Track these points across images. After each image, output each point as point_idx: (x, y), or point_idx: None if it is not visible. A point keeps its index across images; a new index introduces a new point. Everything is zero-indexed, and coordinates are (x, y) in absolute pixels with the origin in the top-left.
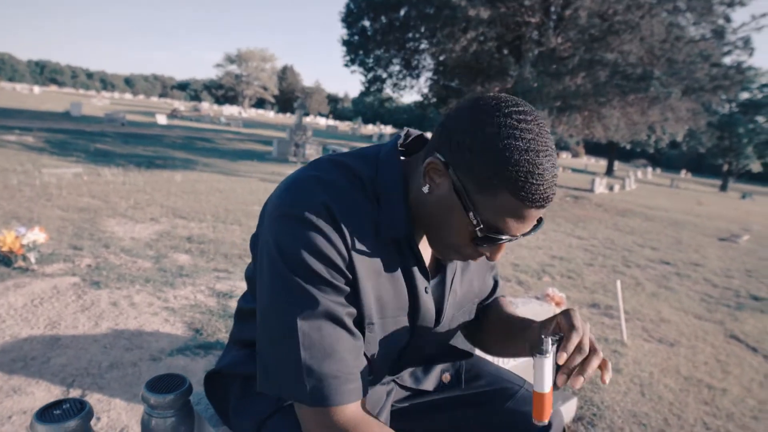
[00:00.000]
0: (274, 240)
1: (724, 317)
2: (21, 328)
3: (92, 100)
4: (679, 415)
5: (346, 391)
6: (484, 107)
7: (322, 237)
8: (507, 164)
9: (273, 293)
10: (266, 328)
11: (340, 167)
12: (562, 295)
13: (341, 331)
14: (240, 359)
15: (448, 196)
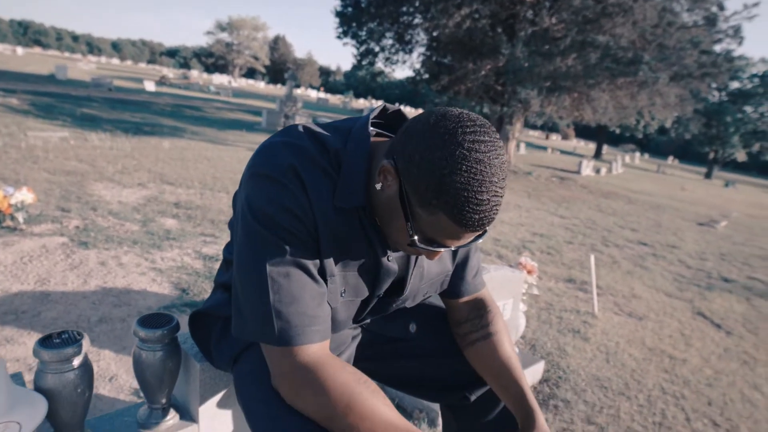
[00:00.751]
0: (246, 197)
1: (694, 296)
2: (11, 284)
3: (78, 64)
4: (639, 380)
5: (310, 332)
6: (442, 129)
7: (289, 194)
8: (447, 193)
9: (245, 245)
10: (240, 277)
11: (310, 136)
12: (534, 263)
13: (306, 278)
14: (222, 302)
15: (394, 199)
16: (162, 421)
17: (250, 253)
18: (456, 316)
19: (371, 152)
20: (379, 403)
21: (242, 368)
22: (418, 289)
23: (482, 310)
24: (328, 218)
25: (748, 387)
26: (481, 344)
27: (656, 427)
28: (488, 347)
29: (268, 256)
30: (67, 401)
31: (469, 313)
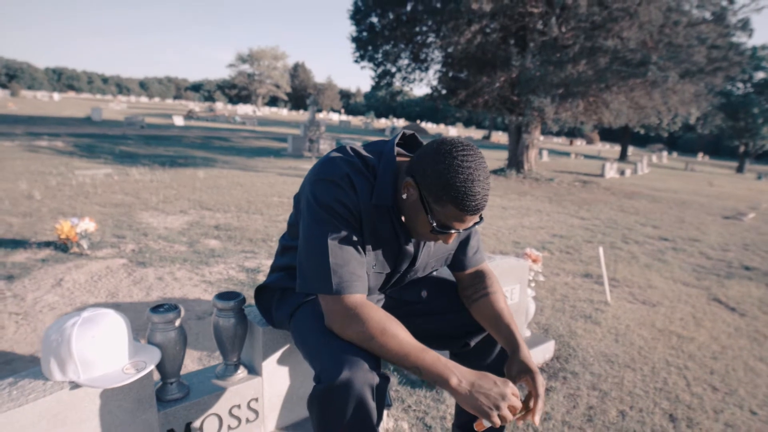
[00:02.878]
0: (312, 194)
1: (712, 284)
2: (87, 298)
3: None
4: (646, 356)
5: (355, 285)
6: (442, 150)
7: (344, 193)
8: (452, 189)
9: (312, 226)
10: (306, 248)
11: (356, 154)
12: (539, 254)
13: (353, 250)
14: (279, 278)
15: (416, 203)
16: (234, 375)
17: (316, 231)
18: (463, 284)
19: (397, 168)
20: (402, 330)
21: (298, 319)
22: (427, 263)
23: (482, 278)
24: (368, 212)
25: (753, 359)
26: (481, 301)
27: (657, 392)
28: (486, 302)
29: (329, 233)
30: (170, 353)
31: (472, 281)
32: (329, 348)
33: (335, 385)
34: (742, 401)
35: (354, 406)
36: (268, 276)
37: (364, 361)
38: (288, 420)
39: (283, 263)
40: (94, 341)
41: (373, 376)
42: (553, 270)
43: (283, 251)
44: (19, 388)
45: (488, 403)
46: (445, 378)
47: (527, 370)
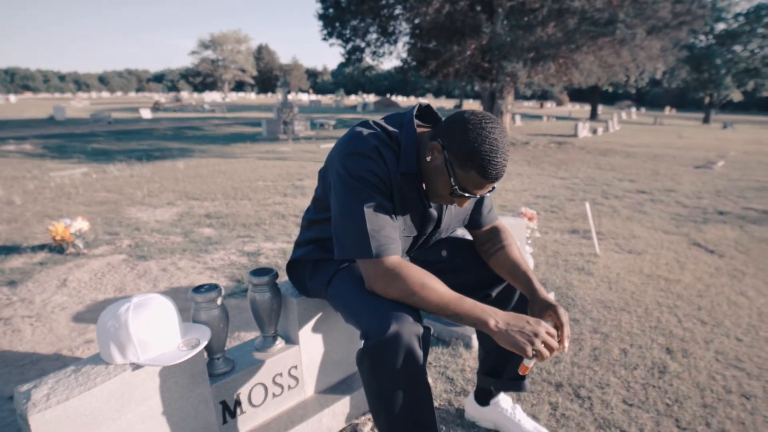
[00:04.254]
0: (344, 167)
1: (690, 230)
2: (96, 294)
3: (72, 103)
4: (638, 299)
5: (392, 247)
6: (472, 121)
7: (375, 164)
8: (477, 157)
9: (346, 196)
10: (342, 217)
11: (379, 127)
12: (533, 211)
13: (387, 216)
14: (309, 251)
15: (440, 166)
16: (273, 345)
17: (351, 201)
18: (480, 240)
19: (417, 138)
20: (439, 283)
21: (337, 285)
22: (449, 224)
23: (497, 233)
24: (397, 180)
25: (734, 294)
26: (498, 253)
27: (652, 330)
28: (503, 254)
29: (364, 201)
30: (215, 330)
31: (489, 236)
32: (373, 306)
33: (385, 339)
34: (728, 331)
35: (404, 355)
36: (294, 251)
37: (408, 314)
38: (325, 384)
39: (311, 236)
40: (149, 323)
41: (417, 326)
42: (542, 229)
43: (310, 225)
44: (84, 374)
45: (523, 339)
46: (483, 320)
47: (548, 306)
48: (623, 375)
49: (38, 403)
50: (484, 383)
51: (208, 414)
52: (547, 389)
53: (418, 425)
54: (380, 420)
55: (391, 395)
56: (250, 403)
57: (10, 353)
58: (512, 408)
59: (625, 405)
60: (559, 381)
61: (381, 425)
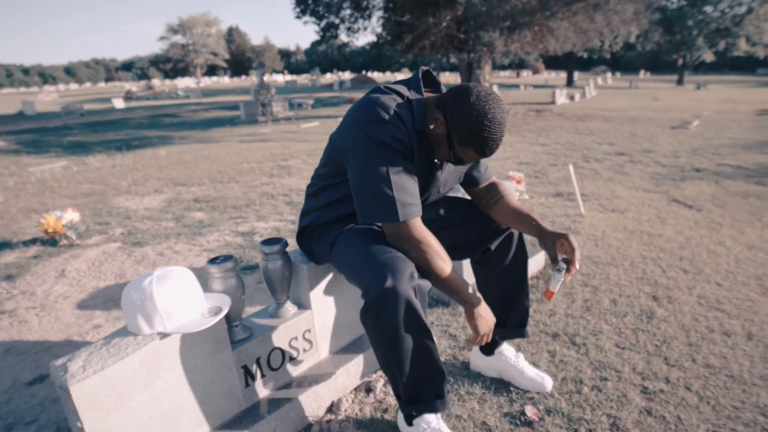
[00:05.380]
0: (365, 134)
1: (669, 188)
2: (97, 282)
3: (39, 96)
4: (624, 253)
5: (416, 210)
6: (477, 103)
7: (396, 129)
8: (477, 139)
9: (370, 163)
10: (366, 183)
11: (393, 91)
12: (521, 174)
13: (411, 179)
14: (317, 216)
15: (441, 137)
16: (287, 311)
17: (375, 167)
18: (479, 196)
19: (424, 100)
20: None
21: (338, 247)
22: (447, 179)
23: (495, 186)
24: (415, 142)
25: (713, 244)
26: (499, 203)
27: (639, 281)
28: (503, 202)
29: (389, 166)
30: (233, 299)
31: (487, 191)
32: (370, 264)
33: (384, 291)
34: (709, 277)
35: (404, 306)
36: (301, 220)
37: (403, 267)
38: (338, 345)
39: (319, 203)
40: (173, 293)
41: (412, 279)
42: (528, 193)
43: (318, 192)
44: (114, 346)
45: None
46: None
47: (559, 236)
48: (614, 322)
49: (76, 374)
50: None
51: (232, 378)
52: (545, 339)
53: (428, 369)
54: (391, 371)
55: (397, 345)
56: (270, 366)
57: (21, 343)
58: (515, 356)
59: (618, 348)
60: (555, 331)
61: (392, 376)
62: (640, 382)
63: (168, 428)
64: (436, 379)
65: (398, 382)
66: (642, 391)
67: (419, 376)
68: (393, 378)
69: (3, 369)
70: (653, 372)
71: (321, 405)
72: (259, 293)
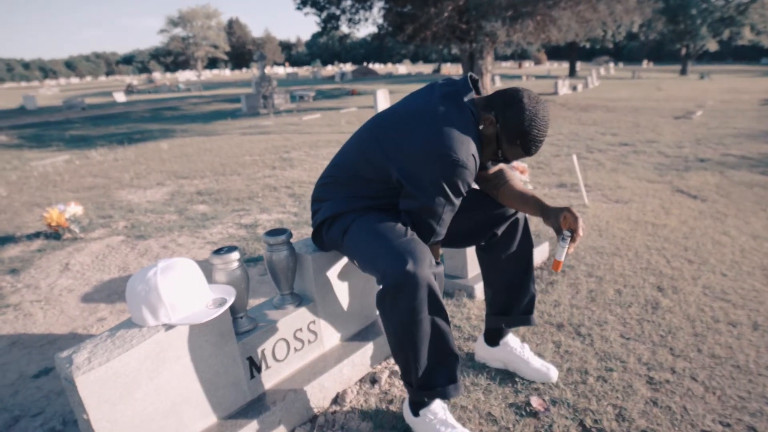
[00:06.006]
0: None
1: (673, 178)
2: (101, 275)
3: (41, 91)
4: (628, 244)
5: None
6: (526, 105)
7: (470, 174)
8: (526, 138)
9: (433, 199)
10: (422, 215)
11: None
12: (525, 165)
13: (454, 212)
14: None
15: (491, 136)
16: (291, 302)
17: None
18: (487, 179)
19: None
20: None
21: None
22: None
23: (501, 171)
24: None
25: (718, 234)
26: (505, 186)
27: (643, 271)
28: (508, 185)
29: (446, 206)
30: (237, 290)
31: (494, 175)
32: (388, 249)
33: (404, 275)
34: (714, 267)
35: (425, 289)
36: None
37: (423, 252)
38: (343, 336)
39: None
40: (178, 285)
41: (432, 263)
42: (531, 183)
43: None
44: (119, 338)
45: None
46: None
47: (562, 209)
48: (619, 313)
49: (81, 366)
50: (495, 323)
51: (237, 370)
52: (550, 330)
53: (444, 353)
54: (404, 356)
55: (415, 329)
56: (275, 358)
57: (26, 336)
58: (521, 347)
59: (623, 339)
60: (560, 322)
61: (405, 362)
62: (645, 372)
63: (173, 420)
64: (450, 363)
65: (411, 368)
66: (647, 382)
67: (434, 360)
68: (406, 363)
69: (9, 362)
70: (659, 362)
71: (326, 396)
72: (262, 285)
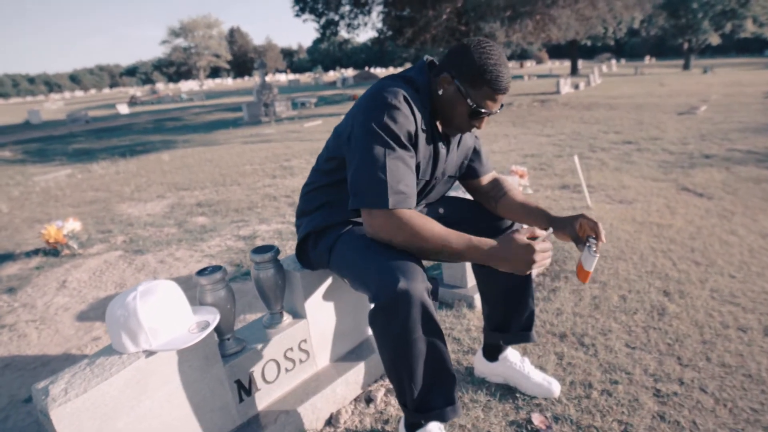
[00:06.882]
0: (370, 119)
1: (678, 176)
2: (97, 292)
3: (45, 105)
4: (633, 246)
5: (410, 202)
6: (472, 45)
7: (402, 115)
8: (486, 72)
9: (370, 146)
10: (362, 167)
11: (401, 78)
12: (524, 168)
13: (408, 169)
14: (313, 222)
15: (454, 93)
16: (281, 321)
17: (374, 151)
18: (483, 190)
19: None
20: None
21: (339, 250)
22: (450, 169)
23: (498, 181)
24: (421, 128)
25: (725, 233)
26: (505, 197)
27: (649, 275)
28: (509, 197)
29: (387, 152)
30: (223, 311)
31: (491, 185)
32: (379, 266)
33: (397, 294)
34: (722, 269)
35: (419, 308)
36: (301, 226)
37: (414, 268)
38: (336, 354)
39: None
40: (158, 309)
41: (425, 279)
42: (533, 187)
43: (317, 190)
44: (98, 366)
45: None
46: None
47: (576, 217)
48: (624, 320)
49: (57, 397)
50: (492, 339)
51: (224, 394)
52: (552, 340)
53: (440, 374)
54: (399, 378)
55: (409, 349)
56: (264, 379)
57: (20, 358)
58: (521, 361)
59: (628, 348)
60: (563, 331)
61: (400, 383)
62: (652, 384)
63: None
64: (447, 385)
65: (406, 389)
66: (654, 395)
67: (430, 381)
68: (400, 385)
69: (1, 386)
70: (666, 373)
71: (319, 417)
72: (259, 300)
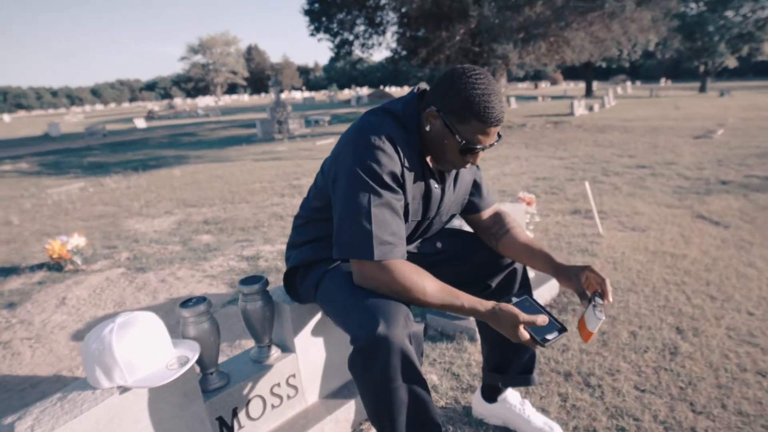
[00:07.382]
0: (353, 159)
1: (693, 202)
2: (95, 311)
3: (66, 118)
4: (645, 278)
5: (397, 251)
6: (456, 74)
7: (387, 156)
8: (472, 103)
9: (353, 193)
10: (346, 215)
11: (387, 113)
12: (532, 196)
13: (395, 214)
14: (300, 256)
15: (441, 129)
16: (269, 355)
17: (358, 199)
18: (484, 225)
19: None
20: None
21: (324, 288)
22: (449, 207)
23: (501, 216)
24: (409, 169)
25: (743, 266)
26: (508, 236)
27: (661, 309)
28: (512, 235)
29: (373, 200)
30: (206, 344)
31: (493, 221)
32: (360, 307)
33: (375, 339)
34: (739, 305)
35: (398, 355)
36: (289, 258)
37: (397, 312)
38: (326, 391)
39: (307, 237)
40: (135, 343)
41: (407, 325)
42: (543, 212)
43: (306, 225)
44: (70, 401)
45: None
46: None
47: (583, 268)
48: (633, 359)
49: None
50: (491, 380)
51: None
52: (556, 379)
53: (422, 424)
54: (381, 425)
55: (389, 397)
56: (248, 416)
57: (10, 377)
58: (521, 403)
59: (637, 391)
60: (568, 370)
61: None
62: None
63: None
64: None
65: None
66: None
67: (414, 430)
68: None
69: None
70: (677, 420)
71: None
72: None
